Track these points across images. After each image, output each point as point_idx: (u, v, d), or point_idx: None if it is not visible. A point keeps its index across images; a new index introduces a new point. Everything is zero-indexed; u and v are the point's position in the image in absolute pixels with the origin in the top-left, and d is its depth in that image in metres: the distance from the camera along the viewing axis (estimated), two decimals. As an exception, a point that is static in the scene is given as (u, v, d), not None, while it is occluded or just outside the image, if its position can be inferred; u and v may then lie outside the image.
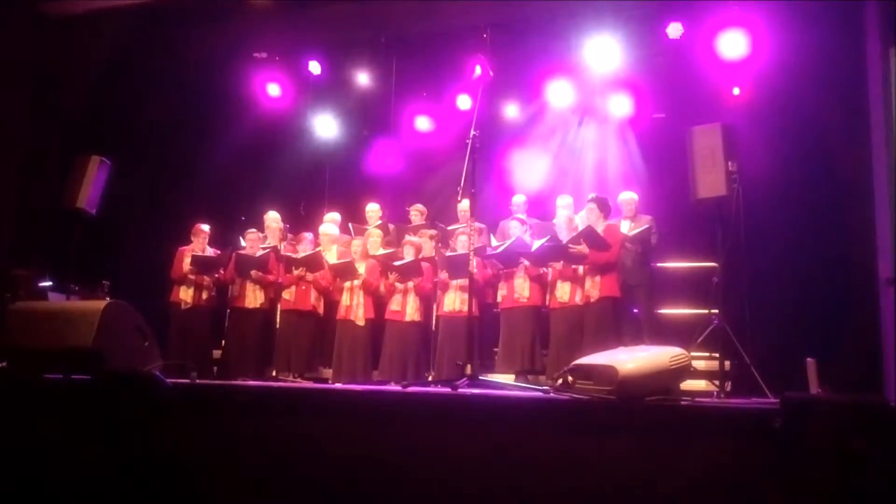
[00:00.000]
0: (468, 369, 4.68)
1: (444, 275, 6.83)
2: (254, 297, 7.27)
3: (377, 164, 9.18)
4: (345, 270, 7.01)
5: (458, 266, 6.67)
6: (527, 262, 6.59)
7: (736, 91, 7.44)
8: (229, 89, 9.01)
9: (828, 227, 6.44)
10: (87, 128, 8.25)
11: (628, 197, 7.10)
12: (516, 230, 6.86)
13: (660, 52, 7.77)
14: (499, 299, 6.87)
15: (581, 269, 6.35)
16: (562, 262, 6.42)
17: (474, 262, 5.78)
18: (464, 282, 6.65)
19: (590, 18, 7.95)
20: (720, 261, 5.59)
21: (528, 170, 8.61)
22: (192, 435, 3.66)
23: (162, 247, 7.72)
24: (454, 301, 6.77)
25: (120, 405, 3.62)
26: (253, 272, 7.20)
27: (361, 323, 6.95)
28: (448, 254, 6.95)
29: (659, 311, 7.13)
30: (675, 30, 7.60)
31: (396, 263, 6.91)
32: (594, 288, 6.22)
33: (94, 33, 8.25)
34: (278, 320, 7.37)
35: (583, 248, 6.19)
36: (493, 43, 8.24)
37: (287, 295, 7.23)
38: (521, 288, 6.63)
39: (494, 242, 7.20)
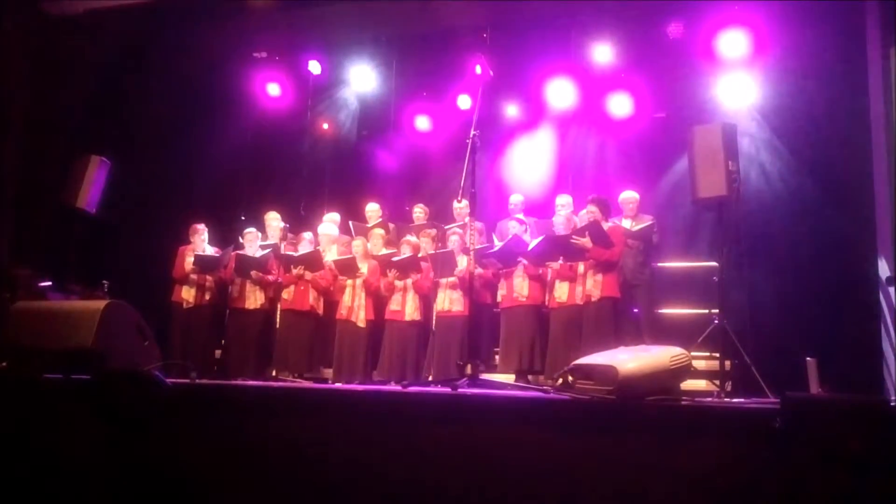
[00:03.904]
0: (468, 369, 4.68)
1: (432, 273, 6.83)
2: (254, 298, 7.25)
3: (377, 164, 9.18)
4: (347, 267, 7.01)
5: (443, 264, 6.68)
6: (525, 261, 6.58)
7: (736, 91, 7.44)
8: (229, 89, 8.99)
9: (828, 226, 6.44)
10: (87, 128, 8.25)
11: (629, 196, 7.09)
12: (515, 229, 6.86)
13: (660, 52, 7.76)
14: (499, 299, 6.86)
15: (581, 267, 6.34)
16: (560, 261, 6.40)
17: (465, 261, 5.80)
18: (454, 281, 6.69)
19: (590, 18, 7.95)
20: (720, 260, 5.59)
21: (528, 169, 8.61)
22: (192, 434, 3.66)
23: (162, 246, 7.72)
24: (444, 300, 6.78)
25: (120, 405, 3.62)
26: (253, 273, 7.19)
27: (362, 324, 6.95)
28: (431, 252, 6.94)
29: (659, 311, 7.12)
30: (675, 29, 7.59)
31: (394, 259, 6.92)
32: (595, 287, 6.22)
33: (94, 33, 8.25)
34: (278, 320, 7.36)
35: (585, 242, 6.17)
36: (493, 43, 8.23)
37: (286, 294, 7.22)
38: (520, 287, 6.63)
39: (496, 241, 7.18)
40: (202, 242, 7.45)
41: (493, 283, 6.92)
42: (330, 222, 7.81)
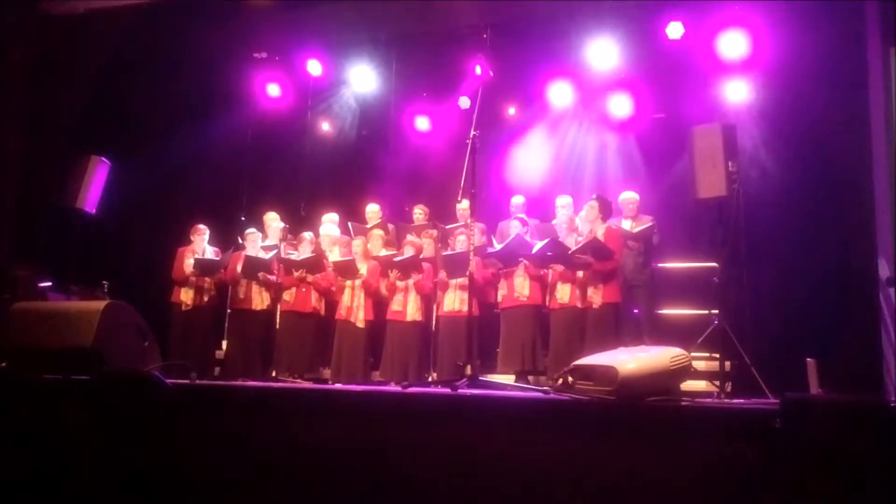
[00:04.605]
0: (468, 370, 4.68)
1: (442, 274, 6.83)
2: (260, 300, 7.25)
3: (377, 164, 9.18)
4: (347, 268, 7.01)
5: (456, 265, 6.67)
6: (526, 262, 6.58)
7: (736, 91, 7.44)
8: (229, 89, 9.00)
9: (828, 227, 6.44)
10: (87, 128, 8.25)
11: (629, 197, 7.09)
12: (517, 229, 6.86)
13: (660, 53, 7.77)
14: (499, 299, 6.86)
15: (581, 272, 6.34)
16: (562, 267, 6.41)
17: (474, 262, 5.82)
18: (463, 281, 6.67)
19: (590, 18, 7.95)
20: (720, 261, 5.59)
21: (528, 170, 8.61)
22: (191, 435, 3.66)
23: (162, 247, 7.72)
24: (454, 301, 6.76)
25: (120, 406, 3.62)
26: (260, 274, 7.19)
27: (361, 325, 6.95)
28: (445, 253, 6.95)
29: (659, 312, 7.12)
30: (675, 30, 7.60)
31: (396, 259, 6.92)
32: (596, 294, 6.22)
33: (94, 33, 8.25)
34: (278, 321, 7.36)
35: (587, 259, 6.19)
36: (492, 43, 8.24)
37: (287, 296, 7.22)
38: (520, 287, 6.62)
39: (496, 243, 7.17)
40: (202, 243, 7.45)
41: (493, 283, 6.91)
42: (330, 223, 7.81)
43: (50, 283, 7.16)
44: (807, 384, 4.81)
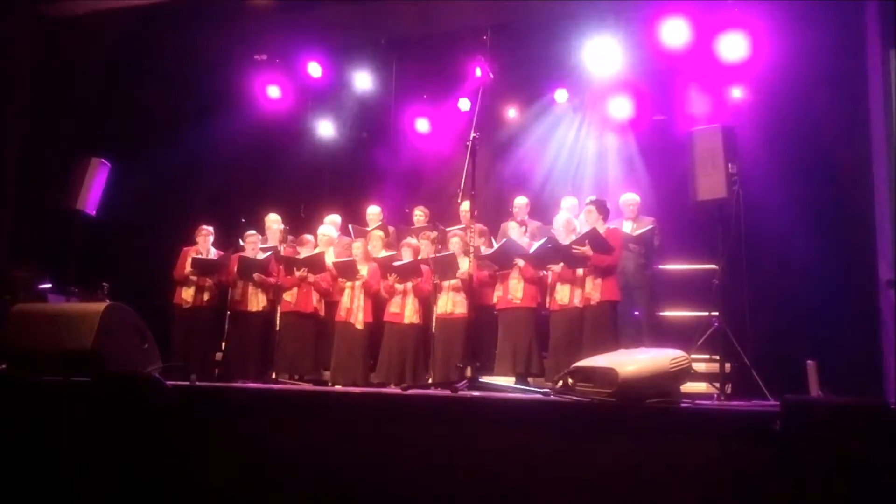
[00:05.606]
0: (468, 371, 4.68)
1: (435, 277, 6.83)
2: (256, 301, 7.26)
3: (377, 166, 9.18)
4: (346, 269, 7.01)
5: (444, 266, 6.67)
6: (521, 263, 6.57)
7: (736, 93, 7.44)
8: (229, 91, 9.00)
9: (828, 228, 6.44)
10: (88, 128, 8.25)
11: (630, 198, 7.09)
12: (512, 231, 6.86)
13: (660, 54, 7.77)
14: (494, 300, 6.85)
15: (580, 270, 6.33)
16: (561, 264, 6.40)
17: (467, 263, 5.81)
18: (456, 283, 6.67)
19: (591, 20, 7.96)
20: (720, 263, 5.58)
21: (529, 172, 8.61)
22: (191, 437, 3.65)
23: (162, 248, 7.72)
24: (447, 303, 6.76)
25: (120, 407, 3.61)
26: (255, 275, 7.19)
27: (360, 326, 6.95)
28: (433, 255, 6.94)
29: (659, 313, 7.12)
30: (675, 32, 7.59)
31: (396, 264, 6.92)
32: (595, 290, 6.21)
33: (94, 33, 8.25)
34: (278, 322, 7.35)
35: (586, 250, 6.18)
36: (493, 45, 8.25)
37: (288, 297, 7.21)
38: (514, 289, 6.60)
39: (495, 244, 7.17)
40: (207, 243, 7.47)
41: (490, 284, 6.90)
42: (330, 224, 7.81)
43: (50, 285, 7.15)
44: (807, 386, 4.80)
